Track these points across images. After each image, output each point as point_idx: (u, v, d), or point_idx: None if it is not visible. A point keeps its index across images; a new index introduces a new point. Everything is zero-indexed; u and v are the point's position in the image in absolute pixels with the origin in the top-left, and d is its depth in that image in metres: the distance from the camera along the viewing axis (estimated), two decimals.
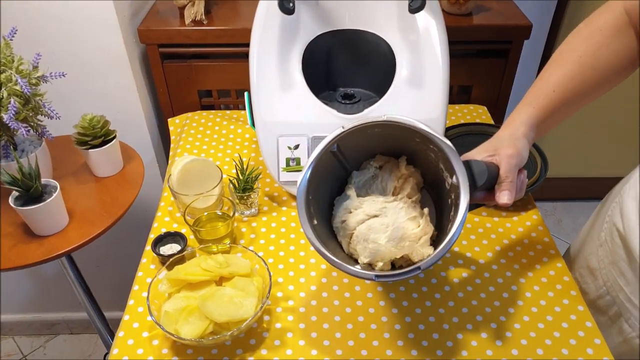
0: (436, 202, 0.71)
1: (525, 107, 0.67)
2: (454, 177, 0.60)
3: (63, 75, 0.87)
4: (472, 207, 0.71)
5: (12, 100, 0.78)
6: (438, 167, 0.65)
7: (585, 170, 2.00)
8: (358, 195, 0.70)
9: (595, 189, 2.09)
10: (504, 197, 0.62)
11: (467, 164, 0.61)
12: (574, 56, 0.66)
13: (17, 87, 0.79)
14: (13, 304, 1.66)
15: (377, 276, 0.59)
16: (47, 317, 1.71)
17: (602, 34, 0.66)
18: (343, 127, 0.64)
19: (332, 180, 0.71)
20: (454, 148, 0.60)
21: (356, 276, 0.61)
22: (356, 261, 0.68)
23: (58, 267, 1.52)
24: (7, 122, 0.78)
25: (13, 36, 0.83)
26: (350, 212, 0.68)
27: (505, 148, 0.63)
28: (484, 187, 0.62)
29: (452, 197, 0.62)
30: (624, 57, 0.66)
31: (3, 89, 0.78)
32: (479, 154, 0.65)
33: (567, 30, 1.55)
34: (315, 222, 0.64)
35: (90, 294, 1.17)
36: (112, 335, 1.27)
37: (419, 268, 0.58)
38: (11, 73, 0.79)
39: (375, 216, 0.67)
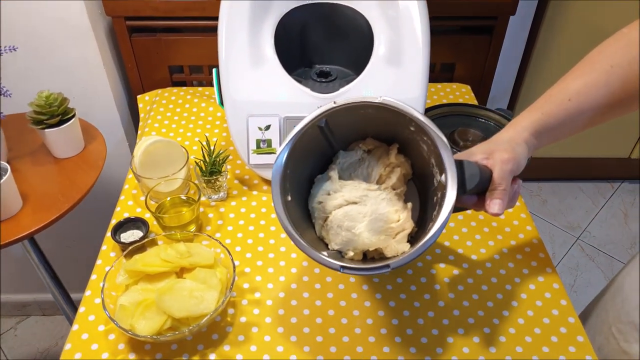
0: (422, 196, 0.67)
1: (534, 111, 0.61)
2: (443, 176, 0.55)
3: (14, 49, 0.80)
4: (458, 209, 0.66)
5: None
6: (429, 162, 0.60)
7: (571, 150, 1.97)
8: (340, 178, 0.65)
9: (581, 169, 2.07)
10: (494, 206, 0.57)
11: (459, 164, 0.56)
12: (604, 65, 0.59)
13: None
14: None
15: (342, 267, 0.54)
16: (17, 298, 1.66)
17: None
18: (335, 103, 0.59)
19: (316, 157, 0.66)
20: (447, 144, 0.55)
21: (321, 263, 0.56)
22: (327, 246, 0.63)
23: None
24: None
25: None
26: (329, 195, 0.63)
27: (501, 152, 0.58)
28: (474, 191, 0.58)
29: (439, 195, 0.57)
30: None
31: None
32: (474, 155, 0.60)
33: (556, 5, 1.50)
34: (289, 198, 0.60)
35: (55, 277, 1.13)
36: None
37: (387, 266, 0.53)
38: None
39: (354, 203, 0.62)
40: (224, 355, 0.66)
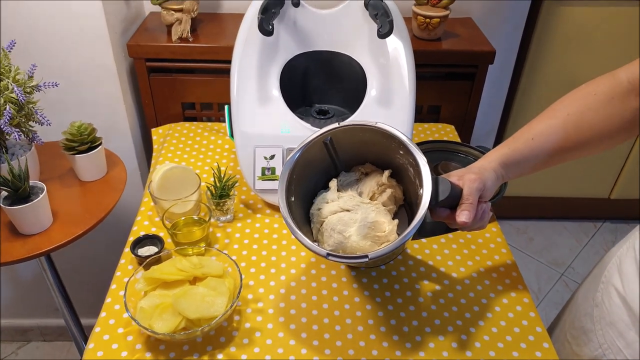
0: (411, 221, 0.77)
1: (503, 147, 0.72)
2: (422, 189, 0.66)
3: (56, 85, 0.92)
4: (444, 229, 0.76)
5: (7, 106, 0.84)
6: (415, 183, 0.70)
7: (556, 190, 2.08)
8: (339, 191, 0.76)
9: (565, 208, 2.17)
10: (462, 215, 0.67)
11: (435, 180, 0.67)
12: (563, 112, 0.70)
13: (13, 95, 0.85)
14: None
15: (328, 254, 0.65)
16: (20, 322, 1.71)
17: (596, 98, 0.68)
18: (338, 124, 0.72)
19: (321, 174, 0.78)
20: (426, 162, 0.67)
21: (310, 250, 0.66)
22: None
23: (36, 271, 1.54)
24: (2, 126, 0.83)
25: (11, 48, 0.89)
26: (327, 203, 0.74)
27: (470, 174, 0.69)
28: (446, 203, 0.68)
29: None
30: (612, 123, 0.68)
31: (0, 96, 0.83)
32: (450, 177, 0.70)
33: (534, 55, 1.65)
34: (293, 199, 0.71)
35: (68, 299, 1.20)
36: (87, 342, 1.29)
37: (366, 256, 0.63)
38: (8, 82, 0.84)
39: (348, 210, 0.73)
40: (230, 355, 0.74)
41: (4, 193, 0.87)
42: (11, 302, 1.65)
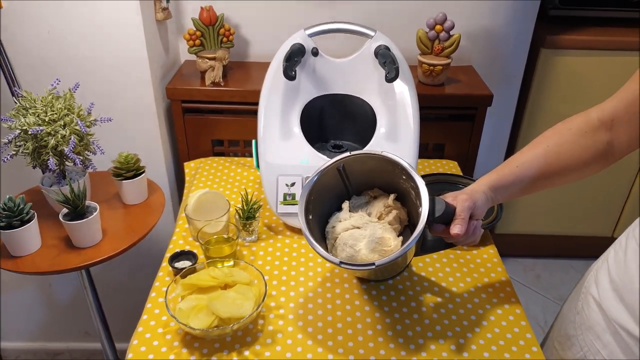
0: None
1: (493, 173, 0.85)
2: (421, 208, 0.77)
3: (110, 120, 1.08)
4: (443, 246, 0.88)
5: (72, 137, 1.00)
6: (416, 204, 0.81)
7: (563, 229, 2.16)
8: (350, 212, 0.89)
9: (571, 247, 2.24)
10: (455, 228, 0.78)
11: (432, 199, 0.79)
12: (543, 144, 0.81)
13: (77, 128, 1.01)
14: (23, 332, 1.77)
15: (341, 262, 0.76)
16: (51, 346, 1.81)
17: (570, 132, 0.80)
18: (349, 152, 0.85)
19: (336, 198, 0.90)
20: (424, 183, 0.79)
21: (325, 258, 0.77)
22: None
23: (70, 294, 1.65)
24: (68, 153, 0.99)
25: (76, 89, 1.06)
26: (340, 221, 0.86)
27: (463, 195, 0.81)
28: (442, 219, 0.79)
29: None
30: (586, 154, 0.79)
31: (67, 127, 0.99)
32: (446, 198, 0.83)
33: (533, 102, 1.78)
34: (311, 217, 0.83)
35: (104, 319, 1.31)
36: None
37: (373, 264, 0.75)
38: (73, 116, 1.01)
39: (358, 227, 0.85)
40: (255, 352, 0.85)
41: (65, 210, 1.02)
42: (45, 325, 1.76)
